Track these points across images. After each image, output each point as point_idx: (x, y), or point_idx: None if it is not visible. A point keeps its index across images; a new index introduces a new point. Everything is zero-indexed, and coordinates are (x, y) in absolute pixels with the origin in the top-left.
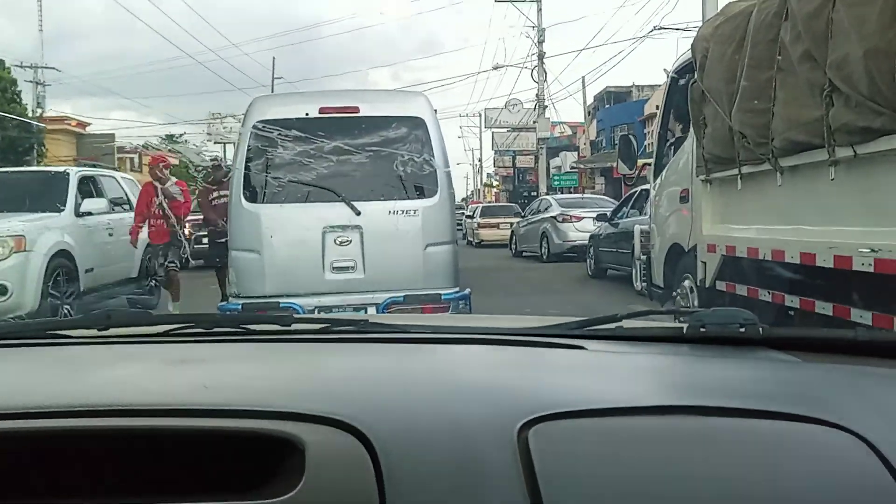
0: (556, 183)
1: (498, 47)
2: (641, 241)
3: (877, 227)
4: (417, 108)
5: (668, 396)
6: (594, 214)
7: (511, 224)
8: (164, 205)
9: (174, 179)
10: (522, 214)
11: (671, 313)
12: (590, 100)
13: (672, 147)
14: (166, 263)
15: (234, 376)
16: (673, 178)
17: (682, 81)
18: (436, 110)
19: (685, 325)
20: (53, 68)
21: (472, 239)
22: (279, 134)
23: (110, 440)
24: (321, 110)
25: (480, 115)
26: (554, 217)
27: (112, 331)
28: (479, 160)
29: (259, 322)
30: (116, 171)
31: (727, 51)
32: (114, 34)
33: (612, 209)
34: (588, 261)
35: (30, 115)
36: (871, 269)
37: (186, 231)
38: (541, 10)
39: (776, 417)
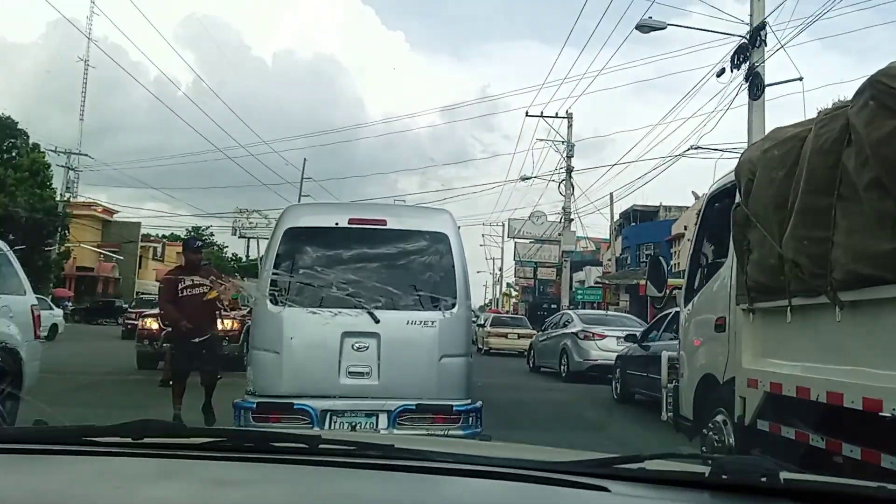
0: (579, 297)
1: (526, 158)
2: (671, 367)
3: None
4: (441, 223)
5: None
6: (618, 333)
7: (518, 335)
8: None
9: None
10: (543, 328)
11: (694, 457)
12: (615, 216)
13: (705, 272)
14: None
15: None
16: (707, 305)
17: (718, 205)
18: (459, 227)
19: (707, 470)
20: (86, 155)
21: (481, 346)
22: (309, 241)
23: None
24: (350, 221)
25: (504, 225)
26: (575, 333)
27: (146, 440)
28: (500, 269)
29: (288, 441)
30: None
31: (777, 175)
32: (155, 129)
33: (641, 330)
34: (614, 383)
35: (58, 199)
36: None
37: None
38: (571, 126)
39: None
